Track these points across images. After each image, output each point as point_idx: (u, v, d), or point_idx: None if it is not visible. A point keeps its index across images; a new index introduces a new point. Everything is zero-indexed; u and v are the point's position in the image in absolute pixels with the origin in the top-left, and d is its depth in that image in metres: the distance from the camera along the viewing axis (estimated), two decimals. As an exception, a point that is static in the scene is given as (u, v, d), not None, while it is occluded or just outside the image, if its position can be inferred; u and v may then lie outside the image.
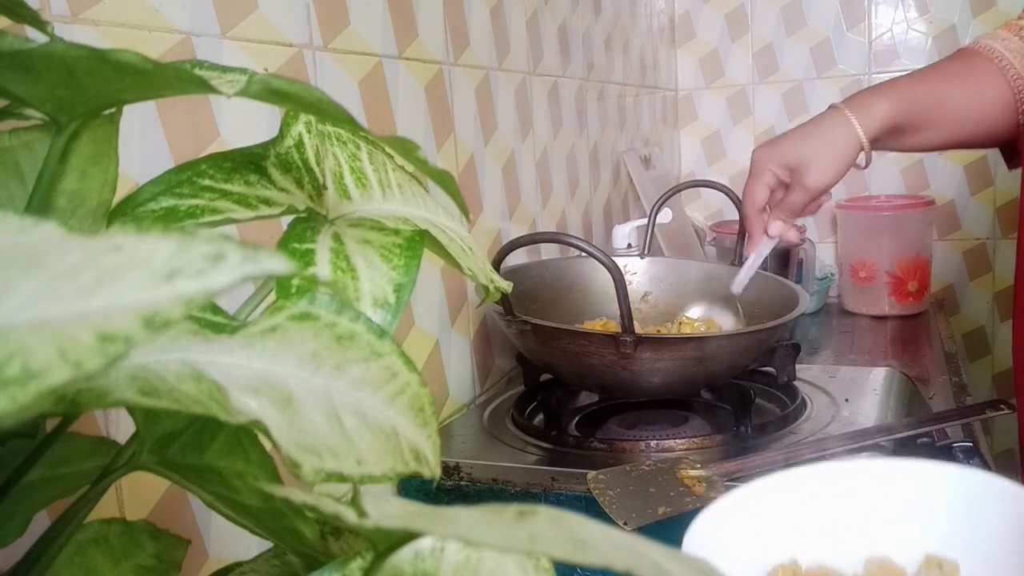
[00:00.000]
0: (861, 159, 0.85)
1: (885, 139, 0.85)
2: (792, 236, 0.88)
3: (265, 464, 0.27)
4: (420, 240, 0.31)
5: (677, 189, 1.09)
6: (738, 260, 1.03)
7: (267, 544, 0.29)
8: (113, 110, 0.27)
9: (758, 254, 0.89)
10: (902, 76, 0.88)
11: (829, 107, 0.86)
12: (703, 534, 0.47)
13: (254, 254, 0.15)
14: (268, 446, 0.24)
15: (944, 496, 0.48)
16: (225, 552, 0.57)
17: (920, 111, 0.84)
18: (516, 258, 0.98)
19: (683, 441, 0.75)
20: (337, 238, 0.30)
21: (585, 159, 1.34)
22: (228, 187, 0.30)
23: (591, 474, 0.67)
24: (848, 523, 0.50)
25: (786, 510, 0.51)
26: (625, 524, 0.61)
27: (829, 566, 0.50)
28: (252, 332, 0.24)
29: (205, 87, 0.24)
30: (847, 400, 0.85)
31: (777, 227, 0.87)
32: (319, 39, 0.69)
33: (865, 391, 0.88)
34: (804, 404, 0.84)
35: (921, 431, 0.73)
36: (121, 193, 0.29)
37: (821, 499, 0.51)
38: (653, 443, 0.75)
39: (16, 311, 0.13)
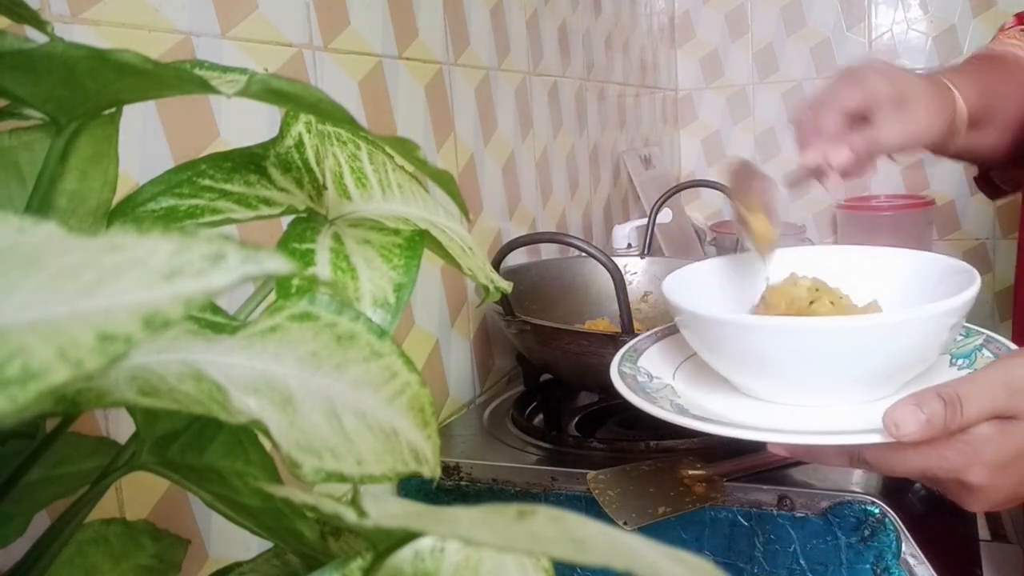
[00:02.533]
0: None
1: (968, 131, 0.71)
2: (866, 173, 0.66)
3: (265, 464, 0.27)
4: (420, 240, 0.31)
5: (677, 189, 1.09)
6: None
7: (267, 544, 0.29)
8: (113, 110, 0.27)
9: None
10: (955, 65, 0.78)
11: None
12: (681, 279, 0.58)
13: (254, 254, 0.15)
14: (268, 446, 0.24)
15: (898, 271, 0.59)
16: (225, 552, 0.57)
17: (994, 105, 0.73)
18: (516, 258, 0.98)
19: (683, 441, 0.75)
20: (337, 238, 0.30)
21: (585, 159, 1.34)
22: (228, 187, 0.30)
23: (591, 474, 0.67)
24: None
25: (756, 277, 0.61)
26: (625, 524, 0.61)
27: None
28: (252, 332, 0.24)
29: (205, 87, 0.24)
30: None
31: (843, 155, 0.63)
32: (319, 39, 0.69)
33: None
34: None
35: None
36: (121, 193, 0.29)
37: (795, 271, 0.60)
38: (653, 443, 0.75)
39: (16, 311, 0.13)
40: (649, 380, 0.55)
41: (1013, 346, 0.53)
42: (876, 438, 0.44)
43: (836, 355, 0.47)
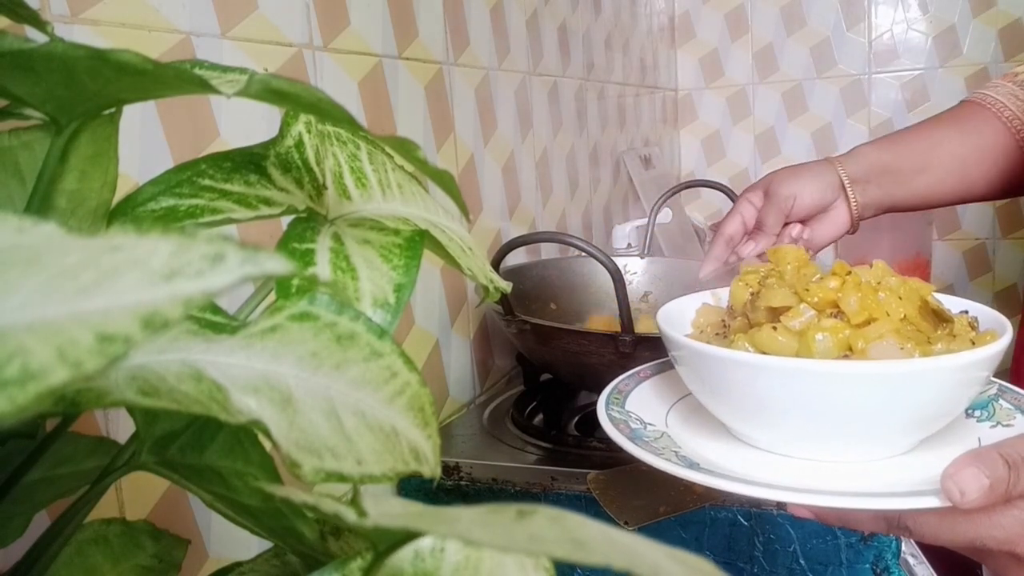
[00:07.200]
0: (843, 212, 0.82)
1: (881, 181, 0.83)
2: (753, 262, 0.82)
3: (265, 464, 0.27)
4: (420, 240, 0.31)
5: (677, 189, 1.09)
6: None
7: (267, 544, 0.29)
8: (113, 110, 0.27)
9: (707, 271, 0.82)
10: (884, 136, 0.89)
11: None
12: (679, 309, 0.55)
13: (254, 254, 0.15)
14: (268, 446, 0.24)
15: None
16: (225, 552, 0.57)
17: (911, 151, 0.84)
18: (516, 258, 0.98)
19: (683, 441, 0.75)
20: (337, 238, 0.30)
21: (585, 159, 1.34)
22: (228, 187, 0.30)
23: (591, 474, 0.67)
24: None
25: None
26: (625, 524, 0.61)
27: None
28: (252, 332, 0.24)
29: (205, 87, 0.24)
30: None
31: (748, 248, 0.81)
32: (319, 39, 0.69)
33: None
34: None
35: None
36: (121, 193, 0.29)
37: None
38: (653, 443, 0.75)
39: (16, 311, 0.13)
40: (643, 427, 0.49)
41: None
42: (932, 502, 0.38)
43: (870, 402, 0.42)
